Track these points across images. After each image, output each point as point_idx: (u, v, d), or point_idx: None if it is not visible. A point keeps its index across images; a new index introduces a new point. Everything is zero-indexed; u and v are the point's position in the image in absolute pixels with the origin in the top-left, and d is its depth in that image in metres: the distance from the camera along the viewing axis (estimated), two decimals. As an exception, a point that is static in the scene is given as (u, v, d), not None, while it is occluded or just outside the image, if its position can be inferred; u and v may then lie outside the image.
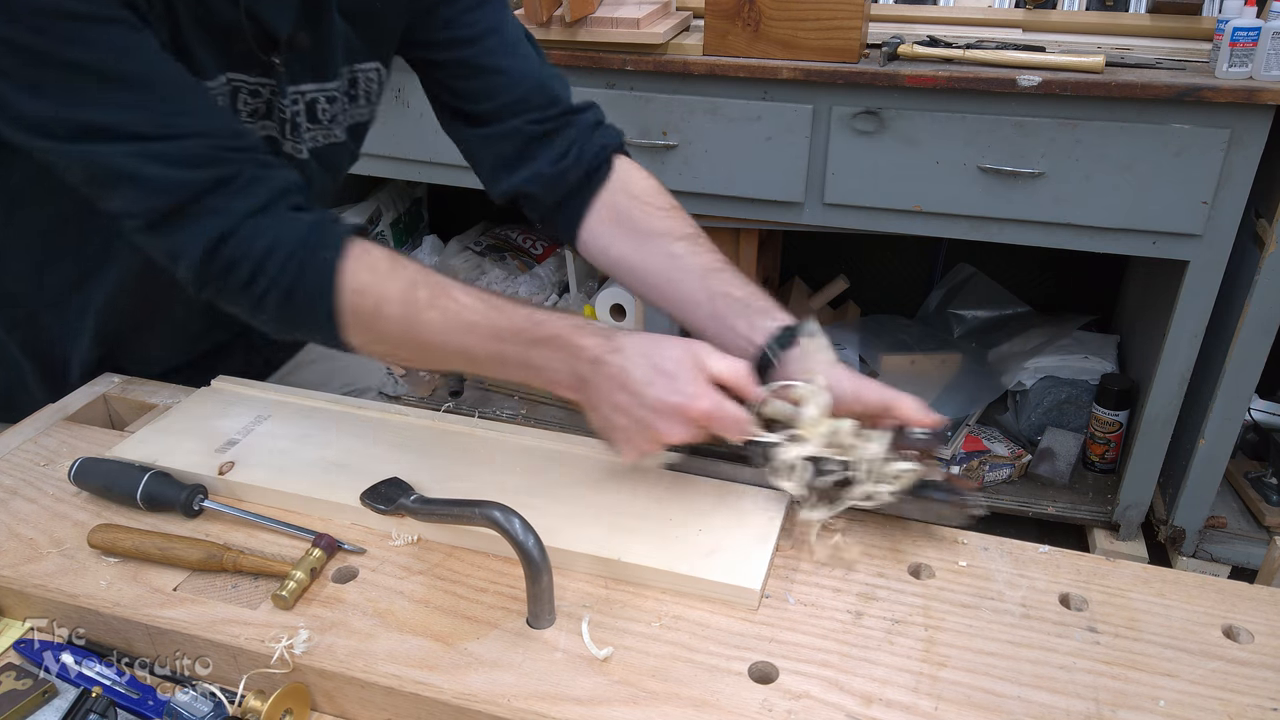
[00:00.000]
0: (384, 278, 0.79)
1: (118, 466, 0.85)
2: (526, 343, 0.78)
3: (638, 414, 0.75)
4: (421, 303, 0.79)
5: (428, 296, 0.79)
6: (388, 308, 0.78)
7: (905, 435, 0.77)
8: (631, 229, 0.99)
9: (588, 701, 0.64)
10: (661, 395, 0.74)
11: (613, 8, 1.94)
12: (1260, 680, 0.66)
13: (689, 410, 0.74)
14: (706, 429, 0.75)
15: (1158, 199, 1.74)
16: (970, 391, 2.34)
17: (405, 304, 0.78)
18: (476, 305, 0.79)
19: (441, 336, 0.79)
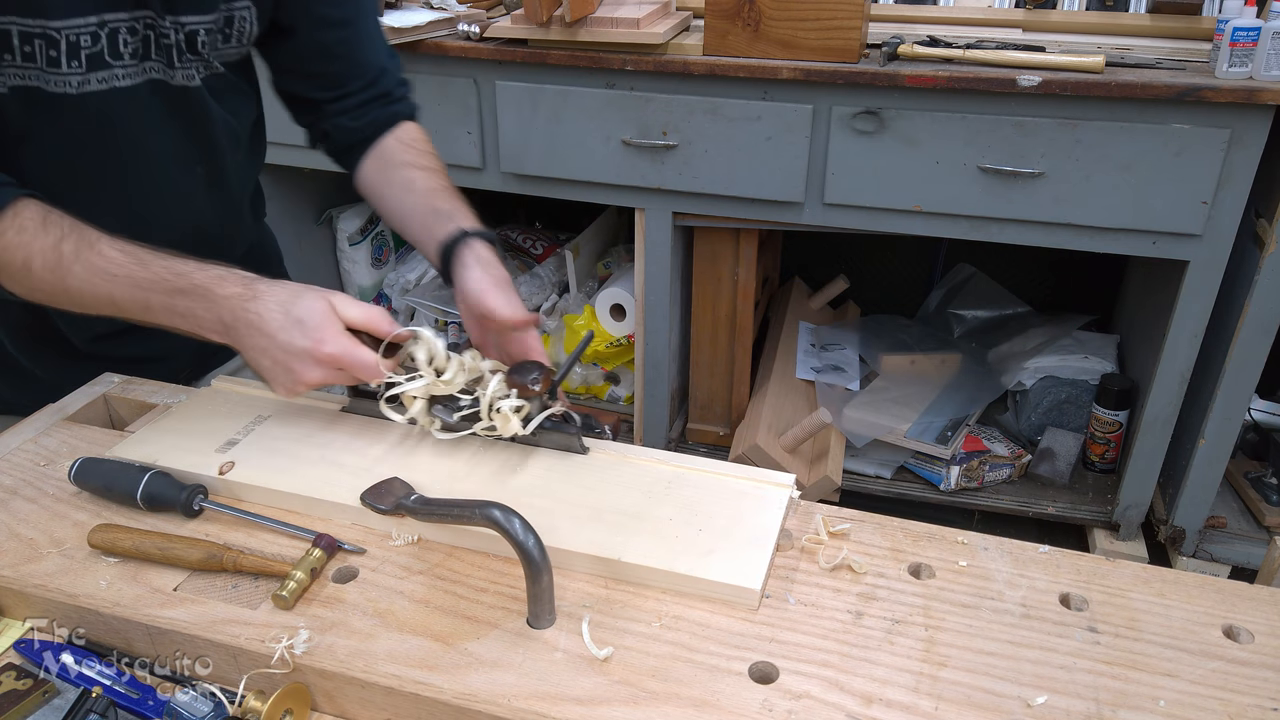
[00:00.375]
0: (31, 235, 0.86)
1: (118, 466, 0.85)
2: (169, 292, 0.86)
3: (276, 355, 0.83)
4: (67, 257, 0.86)
5: (73, 250, 0.86)
6: (36, 262, 0.86)
7: (518, 374, 0.85)
8: (385, 162, 1.13)
9: (588, 701, 0.64)
10: (293, 339, 0.82)
11: (613, 8, 1.94)
12: (1260, 680, 0.66)
13: (318, 353, 0.82)
14: (341, 370, 0.84)
15: (1158, 199, 1.75)
16: (970, 391, 2.34)
17: (52, 259, 0.86)
18: (120, 258, 0.86)
19: (89, 287, 0.86)
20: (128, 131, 0.97)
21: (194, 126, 1.03)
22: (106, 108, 0.95)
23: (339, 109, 1.13)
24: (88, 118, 0.94)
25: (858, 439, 2.23)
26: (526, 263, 2.67)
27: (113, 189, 1.00)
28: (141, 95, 0.97)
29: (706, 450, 2.39)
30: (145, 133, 0.99)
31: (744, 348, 2.27)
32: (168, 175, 1.03)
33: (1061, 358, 2.29)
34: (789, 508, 0.82)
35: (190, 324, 0.86)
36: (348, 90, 1.12)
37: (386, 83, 1.15)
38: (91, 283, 0.86)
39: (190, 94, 1.00)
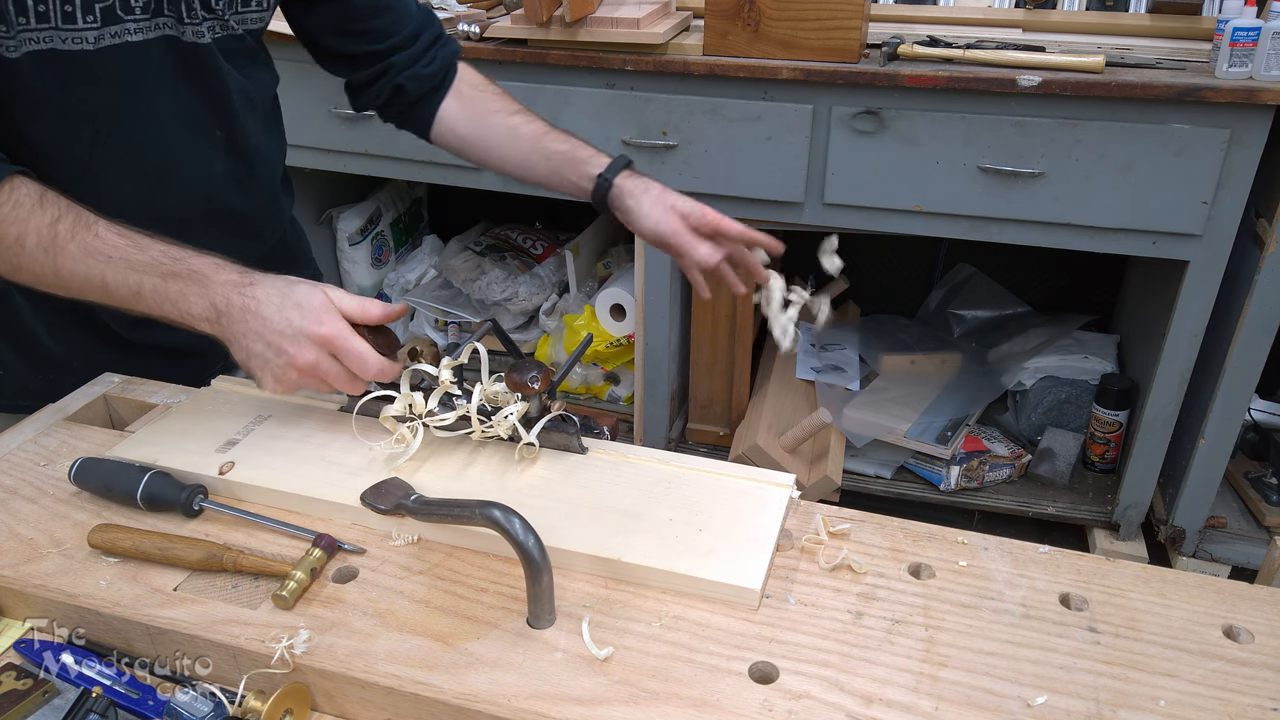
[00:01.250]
0: (27, 212, 0.84)
1: (118, 466, 0.85)
2: (162, 275, 0.84)
3: (269, 338, 0.82)
4: (61, 236, 0.84)
5: (68, 230, 0.85)
6: (29, 240, 0.84)
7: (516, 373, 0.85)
8: (474, 112, 1.17)
9: (588, 701, 0.64)
10: (290, 319, 0.82)
11: (613, 8, 1.94)
12: (1260, 680, 0.66)
13: (313, 332, 0.82)
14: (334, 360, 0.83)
15: (1158, 199, 1.75)
16: (970, 391, 2.34)
17: (46, 237, 0.84)
18: (116, 240, 0.85)
19: (81, 268, 0.85)
20: (142, 90, 0.97)
21: (207, 87, 1.02)
22: (121, 65, 0.94)
23: (407, 59, 1.14)
24: (103, 76, 0.93)
25: (858, 439, 2.23)
26: (526, 263, 2.67)
27: (130, 151, 0.98)
28: (154, 52, 0.96)
29: (706, 450, 2.39)
30: (159, 91, 0.98)
31: (744, 348, 2.27)
32: (183, 138, 1.02)
33: (1061, 358, 2.29)
34: (789, 508, 0.82)
35: (180, 310, 0.85)
36: (404, 37, 1.13)
37: (434, 24, 1.17)
38: (85, 264, 0.85)
39: (200, 52, 1.00)
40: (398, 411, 0.90)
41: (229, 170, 1.08)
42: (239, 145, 1.08)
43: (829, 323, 0.93)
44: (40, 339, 1.08)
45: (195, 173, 1.04)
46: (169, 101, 0.99)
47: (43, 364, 1.09)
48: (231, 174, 1.08)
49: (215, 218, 1.08)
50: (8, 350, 1.09)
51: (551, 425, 0.88)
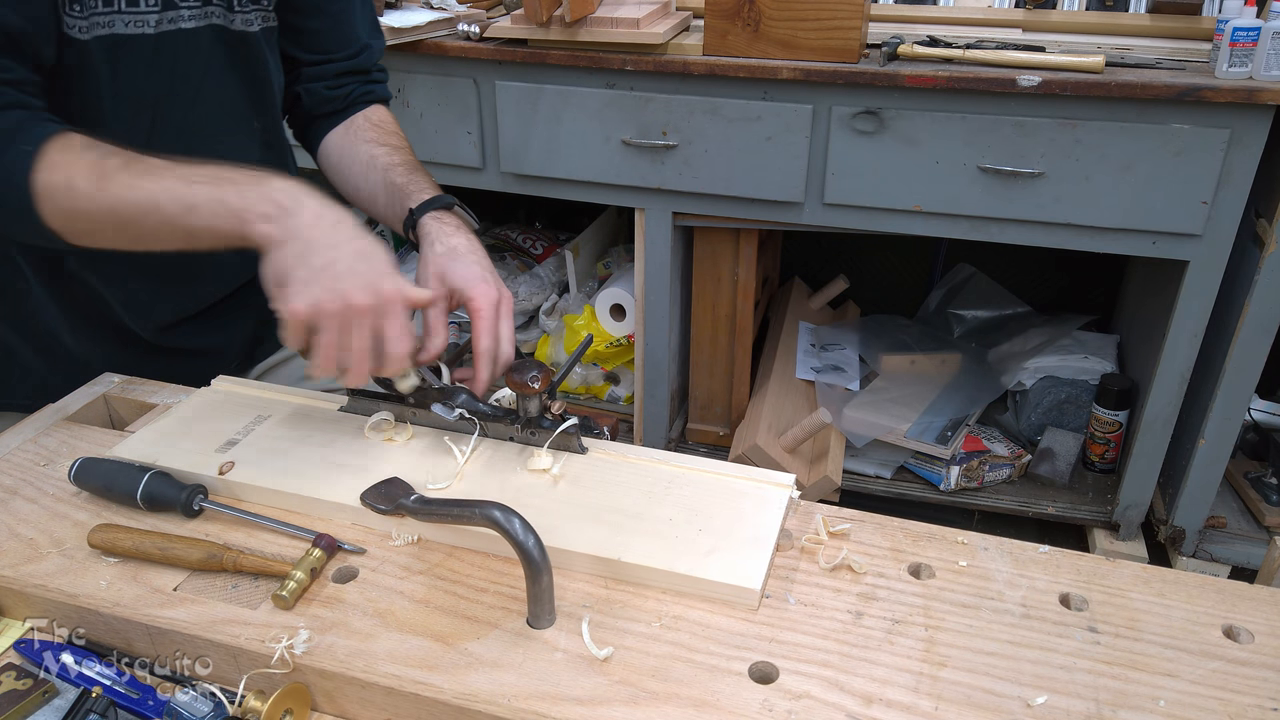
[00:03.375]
0: (77, 155, 0.83)
1: (118, 466, 0.85)
2: (217, 182, 0.80)
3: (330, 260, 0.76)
4: (111, 167, 0.82)
5: (120, 162, 0.83)
6: (78, 180, 0.82)
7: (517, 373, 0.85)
8: (348, 139, 1.13)
9: (588, 701, 0.64)
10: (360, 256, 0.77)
11: (613, 8, 1.94)
12: (1260, 680, 0.66)
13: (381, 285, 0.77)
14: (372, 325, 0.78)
15: (1158, 199, 1.75)
16: (970, 391, 2.34)
17: (96, 171, 0.82)
18: (167, 163, 0.83)
19: (131, 194, 0.81)
20: (192, 78, 0.97)
21: (251, 77, 1.02)
22: (175, 53, 0.95)
23: (316, 74, 1.13)
24: (161, 63, 0.94)
25: (858, 439, 2.23)
26: (526, 263, 2.67)
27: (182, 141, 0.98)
28: (204, 39, 0.97)
29: (706, 450, 2.39)
30: (208, 80, 0.99)
31: (744, 348, 2.27)
32: (226, 128, 1.03)
33: (1061, 358, 2.30)
34: (789, 508, 0.82)
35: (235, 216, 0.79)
36: (330, 56, 1.12)
37: (366, 60, 1.15)
38: (136, 187, 0.81)
39: (248, 41, 1.01)
40: (388, 416, 0.90)
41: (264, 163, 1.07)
42: (274, 138, 1.09)
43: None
44: (61, 339, 1.08)
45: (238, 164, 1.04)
46: (216, 90, 1.00)
47: (63, 363, 1.09)
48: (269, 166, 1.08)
49: None
50: (27, 350, 1.09)
51: (550, 426, 0.88)
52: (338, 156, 1.13)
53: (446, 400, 0.90)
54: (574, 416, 0.89)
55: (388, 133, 1.14)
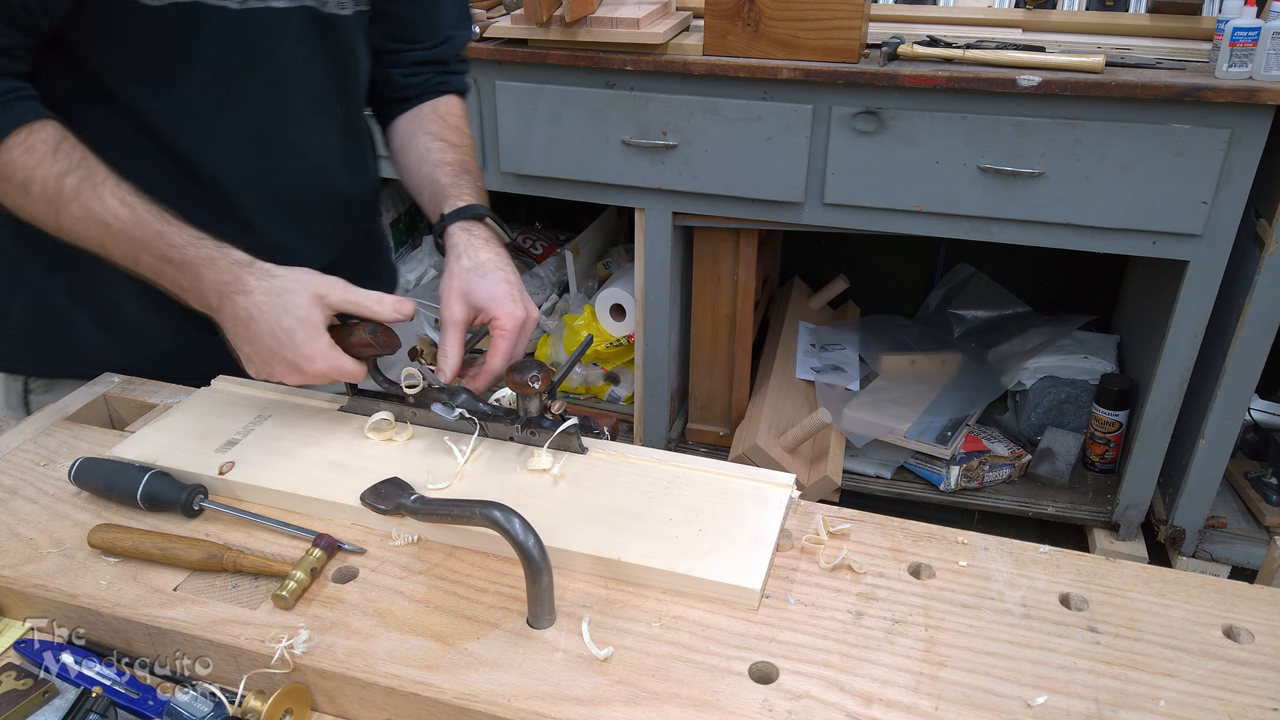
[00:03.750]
0: (39, 160, 0.84)
1: (118, 466, 0.85)
2: (160, 258, 0.85)
3: (257, 350, 0.83)
4: (67, 193, 0.84)
5: (74, 188, 0.84)
6: (34, 188, 0.84)
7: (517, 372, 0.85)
8: (414, 128, 1.13)
9: (588, 701, 0.64)
10: (278, 349, 0.82)
11: (613, 8, 1.94)
12: (1260, 680, 0.66)
13: (303, 367, 0.83)
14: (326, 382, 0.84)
15: (1158, 199, 1.75)
16: (970, 391, 2.34)
17: (51, 189, 0.84)
18: (119, 210, 0.85)
19: (81, 228, 0.85)
20: (276, 57, 0.96)
21: (338, 62, 1.01)
22: (262, 30, 0.93)
23: (395, 60, 1.12)
24: (243, 38, 0.93)
25: (858, 439, 2.23)
26: (526, 263, 2.67)
27: (256, 120, 0.98)
28: (294, 21, 0.96)
29: (706, 450, 2.39)
30: (293, 61, 0.97)
31: (744, 348, 2.27)
32: (309, 112, 1.01)
33: (1061, 358, 2.30)
34: (789, 508, 0.82)
35: (176, 290, 0.86)
36: (412, 45, 1.12)
37: (447, 50, 1.15)
38: (85, 224, 0.85)
39: (339, 25, 0.99)
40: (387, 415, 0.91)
41: (343, 150, 1.07)
42: (355, 126, 1.07)
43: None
44: (123, 308, 1.05)
45: (315, 150, 1.03)
46: (300, 73, 0.98)
47: (121, 335, 1.07)
48: (346, 154, 1.07)
49: (326, 199, 1.06)
50: (86, 320, 1.06)
51: (551, 426, 0.88)
52: (399, 144, 1.14)
53: (447, 400, 0.90)
54: (574, 416, 0.89)
55: (450, 127, 1.13)
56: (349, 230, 1.13)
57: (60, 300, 1.04)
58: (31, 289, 1.04)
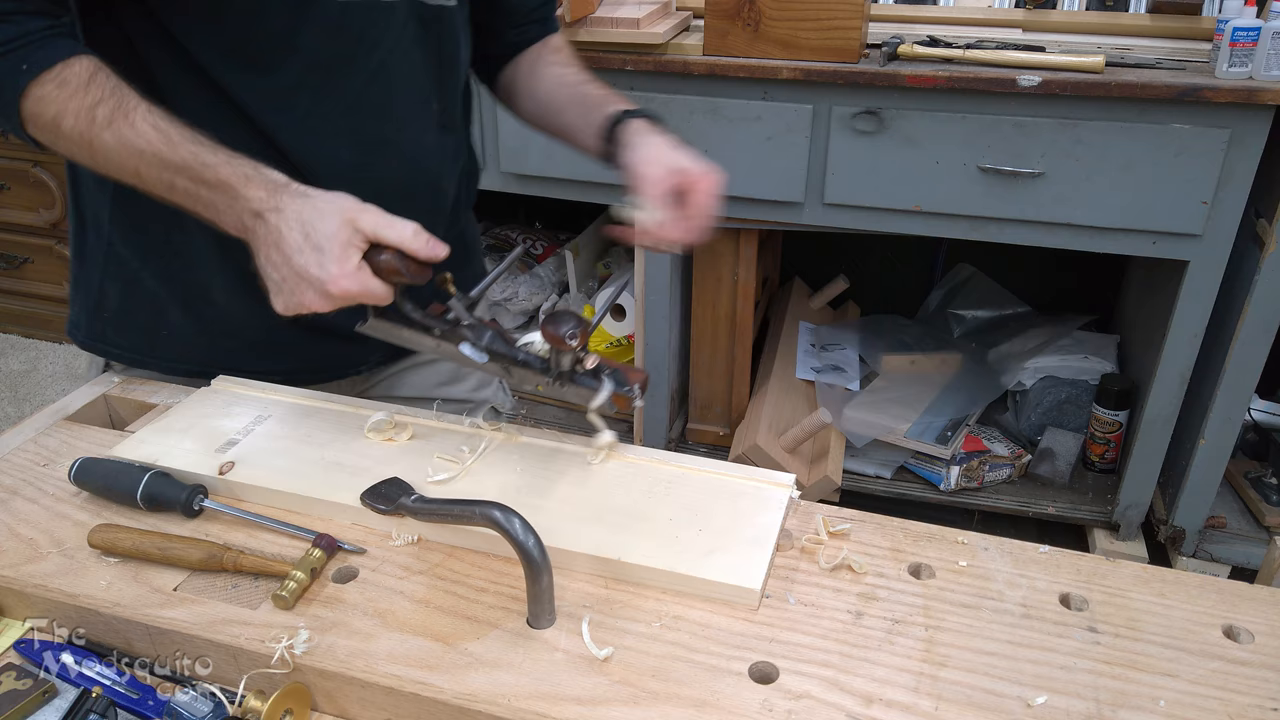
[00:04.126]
0: (71, 92, 0.83)
1: (118, 466, 0.85)
2: (195, 180, 0.83)
3: (285, 273, 0.81)
4: (99, 122, 0.83)
5: (105, 117, 0.83)
6: (66, 121, 0.83)
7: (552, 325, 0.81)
8: (535, 63, 1.15)
9: (588, 701, 0.64)
10: (308, 266, 0.79)
11: (613, 8, 1.94)
12: (1260, 680, 0.66)
13: (329, 288, 0.79)
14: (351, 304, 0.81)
15: (1158, 199, 1.75)
16: (970, 391, 2.34)
17: (84, 121, 0.83)
18: (151, 134, 0.83)
19: (116, 157, 0.84)
20: (377, 50, 0.95)
21: (438, 54, 1.00)
22: (367, 22, 0.93)
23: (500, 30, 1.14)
24: (346, 29, 0.92)
25: (858, 439, 2.23)
26: (527, 263, 2.67)
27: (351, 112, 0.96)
28: (399, 14, 0.95)
29: (706, 450, 2.39)
30: (394, 54, 0.96)
31: (744, 348, 2.27)
32: (405, 106, 1.00)
33: (1061, 358, 2.29)
34: (789, 508, 0.82)
35: (211, 215, 0.85)
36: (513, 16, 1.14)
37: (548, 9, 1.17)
38: (119, 152, 0.84)
39: (443, 16, 0.99)
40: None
41: (439, 145, 1.05)
42: (451, 119, 1.06)
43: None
44: (212, 295, 1.04)
45: (410, 144, 1.02)
46: (400, 66, 0.97)
47: (210, 325, 1.06)
48: (441, 149, 1.06)
49: (418, 196, 1.04)
50: (176, 308, 1.05)
51: (584, 381, 0.84)
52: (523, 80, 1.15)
53: (474, 339, 0.86)
54: (607, 367, 0.85)
55: (570, 58, 1.16)
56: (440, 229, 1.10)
57: (153, 286, 1.04)
58: (127, 273, 1.04)
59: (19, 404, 2.90)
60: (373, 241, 0.81)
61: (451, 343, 0.87)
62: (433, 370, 1.22)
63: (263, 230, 0.82)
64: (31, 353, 3.17)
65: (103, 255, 1.04)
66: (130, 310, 1.06)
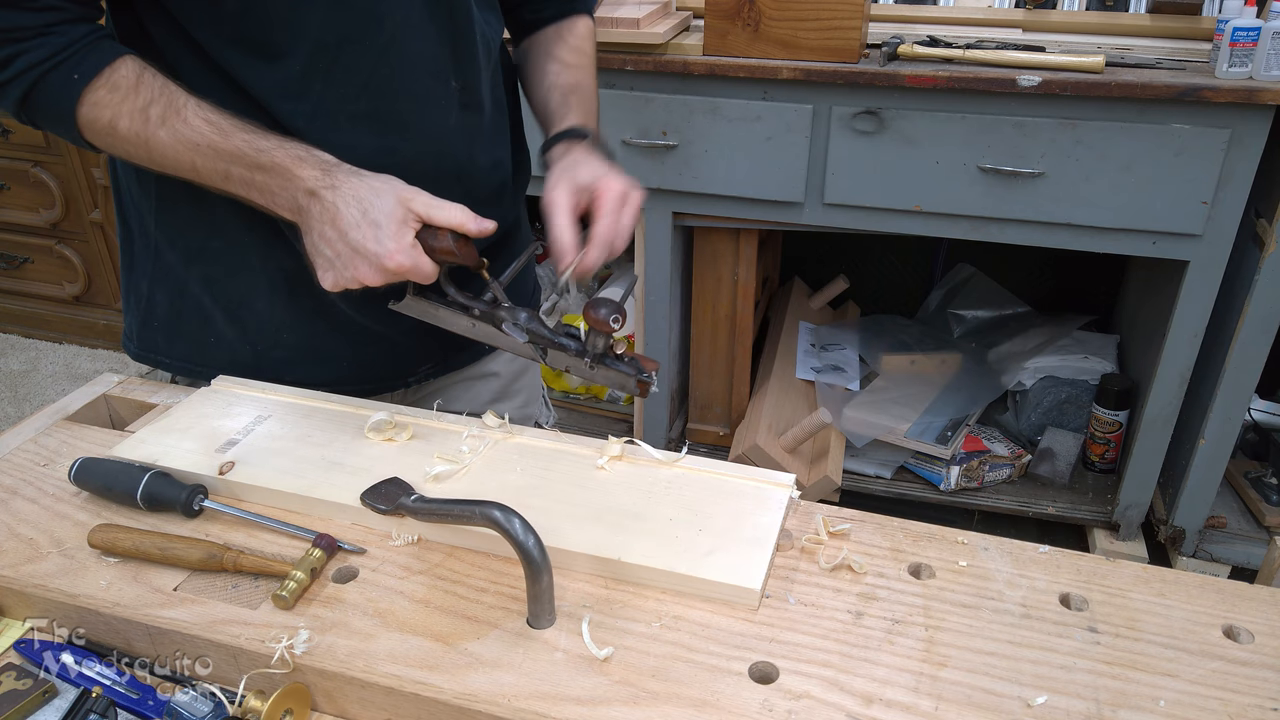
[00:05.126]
0: (122, 96, 0.86)
1: (118, 466, 0.85)
2: (250, 167, 0.86)
3: (340, 249, 0.83)
4: (153, 121, 0.86)
5: (159, 115, 0.86)
6: (121, 124, 0.86)
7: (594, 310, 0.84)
8: (537, 51, 1.14)
9: (588, 701, 0.64)
10: (365, 242, 0.82)
11: (613, 8, 1.94)
12: (1260, 680, 0.66)
13: (385, 262, 0.82)
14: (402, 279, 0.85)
15: (1158, 199, 1.75)
16: (970, 391, 2.34)
17: (138, 122, 0.86)
18: (204, 128, 0.86)
19: (172, 153, 0.87)
20: (386, 27, 0.93)
21: (455, 29, 0.98)
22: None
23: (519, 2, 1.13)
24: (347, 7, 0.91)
25: (858, 439, 2.23)
26: (526, 263, 2.67)
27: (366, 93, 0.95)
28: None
29: (706, 450, 2.39)
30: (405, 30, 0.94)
31: (744, 348, 2.27)
32: (422, 84, 0.97)
33: (1061, 358, 2.30)
34: (789, 508, 0.82)
35: (266, 199, 0.87)
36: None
37: None
38: (175, 149, 0.86)
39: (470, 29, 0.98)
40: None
41: (464, 125, 1.02)
42: (474, 98, 1.03)
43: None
44: (254, 305, 1.04)
45: (430, 124, 0.99)
46: (413, 42, 0.95)
47: (252, 332, 1.05)
48: (466, 129, 1.03)
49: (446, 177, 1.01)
50: (220, 316, 1.05)
51: (614, 364, 0.87)
52: (525, 72, 1.14)
53: (512, 319, 0.88)
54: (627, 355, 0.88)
55: (569, 46, 1.13)
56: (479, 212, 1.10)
57: (197, 293, 1.04)
58: (174, 279, 1.05)
59: (19, 404, 2.90)
60: (424, 222, 0.84)
61: (489, 324, 0.90)
62: (484, 385, 1.21)
63: (317, 208, 0.84)
64: (31, 353, 3.17)
65: (150, 262, 1.05)
66: (179, 318, 1.06)
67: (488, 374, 1.21)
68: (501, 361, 1.22)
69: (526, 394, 1.27)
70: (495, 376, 1.22)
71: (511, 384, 1.24)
